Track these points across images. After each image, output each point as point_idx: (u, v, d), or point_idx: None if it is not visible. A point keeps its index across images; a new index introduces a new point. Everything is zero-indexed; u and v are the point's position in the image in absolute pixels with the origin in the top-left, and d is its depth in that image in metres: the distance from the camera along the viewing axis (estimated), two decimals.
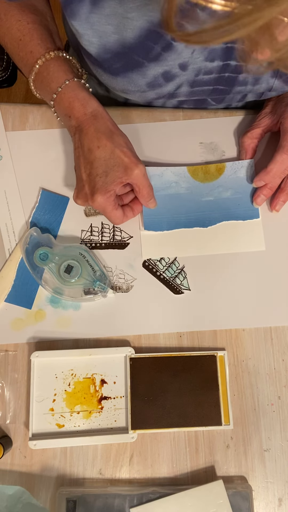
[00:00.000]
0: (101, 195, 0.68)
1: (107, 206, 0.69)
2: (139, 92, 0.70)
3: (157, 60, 0.63)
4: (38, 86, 0.71)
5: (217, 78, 0.69)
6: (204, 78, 0.68)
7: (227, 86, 0.71)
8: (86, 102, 0.68)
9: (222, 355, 0.71)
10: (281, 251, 0.76)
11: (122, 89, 0.70)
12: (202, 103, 0.79)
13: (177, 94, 0.71)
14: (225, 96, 0.75)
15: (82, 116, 0.68)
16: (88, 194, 0.69)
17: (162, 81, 0.67)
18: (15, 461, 0.68)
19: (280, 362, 0.71)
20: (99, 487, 0.67)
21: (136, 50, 0.62)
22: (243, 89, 0.72)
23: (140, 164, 0.68)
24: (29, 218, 0.77)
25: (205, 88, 0.71)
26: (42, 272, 0.74)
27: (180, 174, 0.79)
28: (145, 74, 0.65)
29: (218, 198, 0.78)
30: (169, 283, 0.75)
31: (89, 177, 0.68)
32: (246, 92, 0.74)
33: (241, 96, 0.76)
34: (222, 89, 0.72)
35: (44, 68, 0.69)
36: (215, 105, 0.80)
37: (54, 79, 0.69)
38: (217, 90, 0.72)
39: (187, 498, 0.64)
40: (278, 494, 0.67)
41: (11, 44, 0.71)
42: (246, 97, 0.77)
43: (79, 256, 0.73)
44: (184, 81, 0.68)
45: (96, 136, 0.67)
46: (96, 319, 0.74)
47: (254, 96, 0.76)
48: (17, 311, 0.74)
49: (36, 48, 0.69)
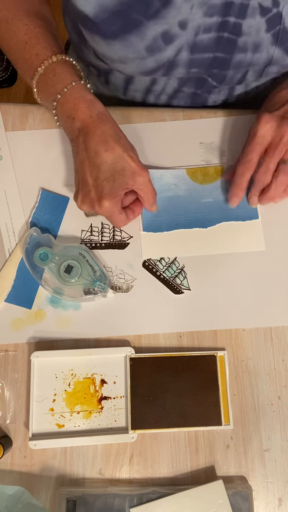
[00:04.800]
0: (108, 200, 0.67)
1: (114, 211, 0.69)
2: (138, 60, 0.68)
3: (156, 17, 0.62)
4: (41, 88, 0.70)
5: (216, 40, 0.67)
6: (204, 39, 0.67)
7: (227, 54, 0.69)
8: (92, 105, 0.67)
9: (222, 355, 0.71)
10: (281, 251, 0.76)
11: (120, 57, 0.69)
12: (202, 85, 0.77)
13: (176, 62, 0.70)
14: (226, 73, 0.73)
15: (88, 118, 0.67)
16: (95, 199, 0.68)
17: (161, 43, 0.66)
18: (15, 461, 0.68)
19: (280, 362, 0.71)
20: (99, 487, 0.67)
21: (135, 6, 0.61)
22: (243, 58, 0.70)
23: (146, 170, 0.68)
24: (29, 218, 0.77)
25: (205, 56, 0.69)
26: (42, 272, 0.74)
27: (179, 177, 0.79)
28: (144, 35, 0.64)
29: (217, 199, 0.78)
30: (169, 283, 0.75)
31: (96, 181, 0.67)
32: (246, 66, 0.72)
33: (242, 74, 0.75)
34: (222, 59, 0.70)
35: (50, 70, 0.68)
36: (216, 86, 0.78)
37: (60, 80, 0.68)
38: (217, 61, 0.70)
39: (187, 498, 0.64)
40: (278, 494, 0.67)
41: (17, 46, 0.70)
42: (246, 76, 0.75)
43: (79, 256, 0.73)
44: (183, 44, 0.67)
45: (103, 139, 0.66)
46: (96, 319, 0.74)
47: (255, 73, 0.75)
48: (17, 311, 0.74)
49: (42, 51, 0.68)
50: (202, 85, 0.78)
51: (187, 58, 0.70)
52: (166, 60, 0.69)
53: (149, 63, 0.69)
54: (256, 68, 0.73)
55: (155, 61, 0.69)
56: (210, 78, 0.76)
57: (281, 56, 0.70)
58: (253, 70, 0.74)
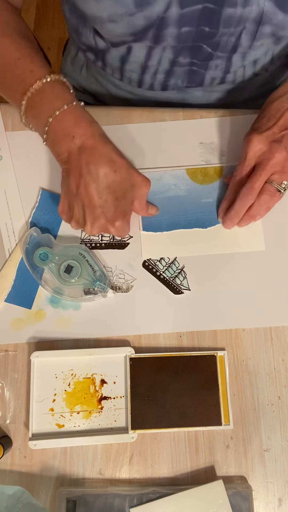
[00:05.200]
0: (122, 219, 0.68)
1: (126, 228, 0.69)
2: (127, 17, 0.67)
3: None
4: (35, 105, 0.68)
5: None
6: None
7: (217, 5, 0.67)
8: (93, 125, 0.66)
9: (222, 355, 0.71)
10: (281, 251, 0.76)
11: (109, 14, 0.68)
12: (197, 52, 0.76)
13: (166, 20, 0.68)
14: (217, 31, 0.71)
15: (90, 138, 0.65)
16: (108, 222, 0.68)
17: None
18: (15, 461, 0.68)
19: (280, 362, 0.71)
20: (99, 487, 0.67)
21: None
22: (233, 12, 0.68)
23: (148, 179, 0.69)
24: (29, 218, 0.77)
25: (195, 8, 0.67)
26: (42, 272, 0.74)
27: (179, 177, 0.79)
28: None
29: (217, 199, 0.78)
30: (169, 283, 0.75)
31: (106, 203, 0.66)
32: (237, 22, 0.69)
33: (235, 38, 0.73)
34: (211, 11, 0.68)
35: (48, 87, 0.66)
36: (211, 54, 0.76)
37: (60, 97, 0.66)
38: (207, 13, 0.68)
39: (187, 498, 0.64)
40: (278, 494, 0.67)
41: (7, 62, 0.68)
42: (240, 40, 0.73)
43: (79, 256, 0.73)
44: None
45: (110, 159, 0.65)
46: (96, 319, 0.74)
47: (248, 35, 0.72)
48: (17, 311, 0.74)
49: (38, 69, 0.67)
50: (197, 53, 0.76)
51: (177, 14, 0.67)
52: (155, 16, 0.67)
53: (138, 20, 0.68)
54: (249, 28, 0.71)
55: (145, 18, 0.67)
56: (204, 44, 0.74)
57: (272, 10, 0.67)
58: (246, 32, 0.72)
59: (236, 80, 0.85)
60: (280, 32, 0.71)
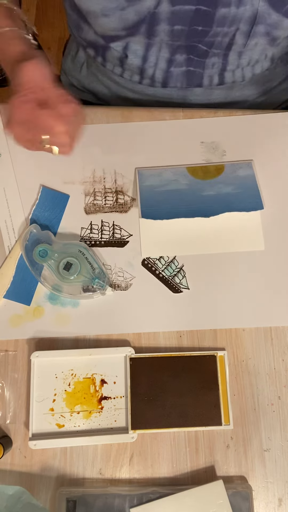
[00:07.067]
0: None
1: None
2: (118, 11, 0.67)
3: None
4: None
5: None
6: None
7: (210, 7, 0.67)
8: None
9: (222, 355, 0.71)
10: (280, 251, 0.76)
11: (102, 8, 0.68)
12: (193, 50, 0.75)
13: (158, 16, 0.68)
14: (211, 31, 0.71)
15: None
16: None
17: None
18: (15, 461, 0.68)
19: (280, 362, 0.72)
20: (99, 487, 0.66)
21: None
22: (227, 12, 0.67)
23: None
24: (29, 215, 0.77)
25: (186, 8, 0.67)
26: (41, 269, 0.74)
27: (180, 173, 0.78)
28: None
29: (219, 193, 0.77)
30: (168, 281, 0.75)
31: None
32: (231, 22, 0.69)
33: (230, 38, 0.72)
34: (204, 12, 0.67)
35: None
36: (207, 51, 0.76)
37: None
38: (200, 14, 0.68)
39: (187, 498, 0.64)
40: (278, 494, 0.67)
41: None
42: (235, 39, 0.73)
43: (79, 253, 0.73)
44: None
45: None
46: (94, 317, 0.73)
47: (242, 35, 0.72)
48: (16, 308, 0.74)
49: None
50: (193, 50, 0.76)
51: (168, 11, 0.67)
52: (146, 11, 0.67)
53: (130, 15, 0.68)
54: (243, 28, 0.70)
55: (136, 12, 0.68)
56: (199, 44, 0.74)
57: (266, 11, 0.67)
58: (240, 32, 0.71)
59: (235, 81, 0.85)
60: (274, 31, 0.71)
